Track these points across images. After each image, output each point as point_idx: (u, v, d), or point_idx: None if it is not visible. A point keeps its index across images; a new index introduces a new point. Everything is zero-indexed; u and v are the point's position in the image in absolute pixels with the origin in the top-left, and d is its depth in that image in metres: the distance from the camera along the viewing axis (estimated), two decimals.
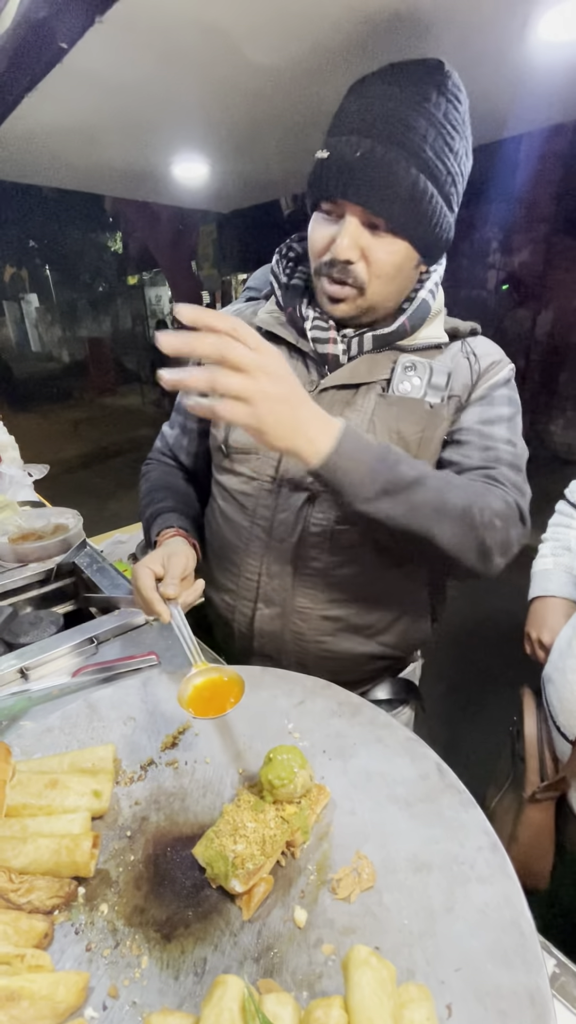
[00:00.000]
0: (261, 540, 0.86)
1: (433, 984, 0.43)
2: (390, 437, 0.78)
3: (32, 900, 0.49)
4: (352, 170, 0.67)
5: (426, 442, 0.79)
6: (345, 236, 0.70)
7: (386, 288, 0.76)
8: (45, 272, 15.26)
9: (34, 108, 1.05)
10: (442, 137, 0.68)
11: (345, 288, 0.75)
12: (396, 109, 0.67)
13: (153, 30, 0.79)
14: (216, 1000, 0.39)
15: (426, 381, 0.79)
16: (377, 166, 0.66)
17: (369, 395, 0.80)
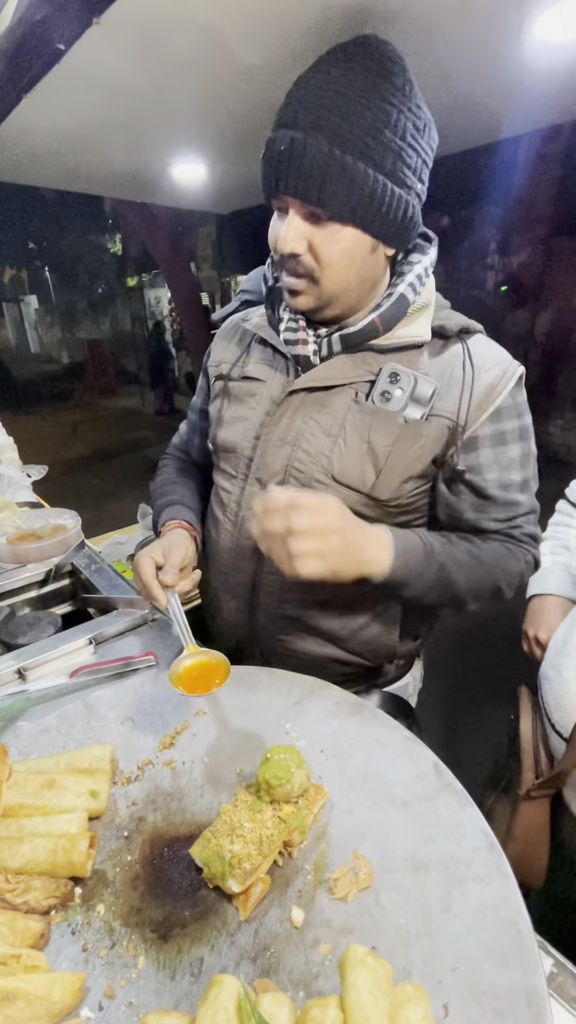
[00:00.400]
0: (230, 534, 0.89)
1: (430, 983, 0.42)
2: (359, 445, 0.77)
3: (28, 900, 0.49)
4: (280, 164, 0.66)
5: (396, 455, 0.77)
6: (288, 229, 0.69)
7: (342, 276, 0.73)
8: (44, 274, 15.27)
9: (33, 109, 1.05)
10: (372, 112, 0.64)
11: (300, 280, 0.74)
12: (315, 95, 0.65)
13: (151, 31, 0.79)
14: (212, 1000, 0.38)
15: (408, 393, 0.76)
16: (300, 155, 0.65)
17: (343, 398, 0.79)
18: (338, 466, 0.78)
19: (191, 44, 0.83)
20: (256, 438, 0.84)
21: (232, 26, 0.79)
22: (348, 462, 0.78)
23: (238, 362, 0.90)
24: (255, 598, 0.88)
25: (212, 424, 0.92)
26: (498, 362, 0.78)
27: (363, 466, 0.77)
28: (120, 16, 0.73)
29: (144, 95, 1.02)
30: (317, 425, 0.79)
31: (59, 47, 0.79)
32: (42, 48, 0.81)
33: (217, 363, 0.94)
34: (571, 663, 0.80)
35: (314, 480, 0.79)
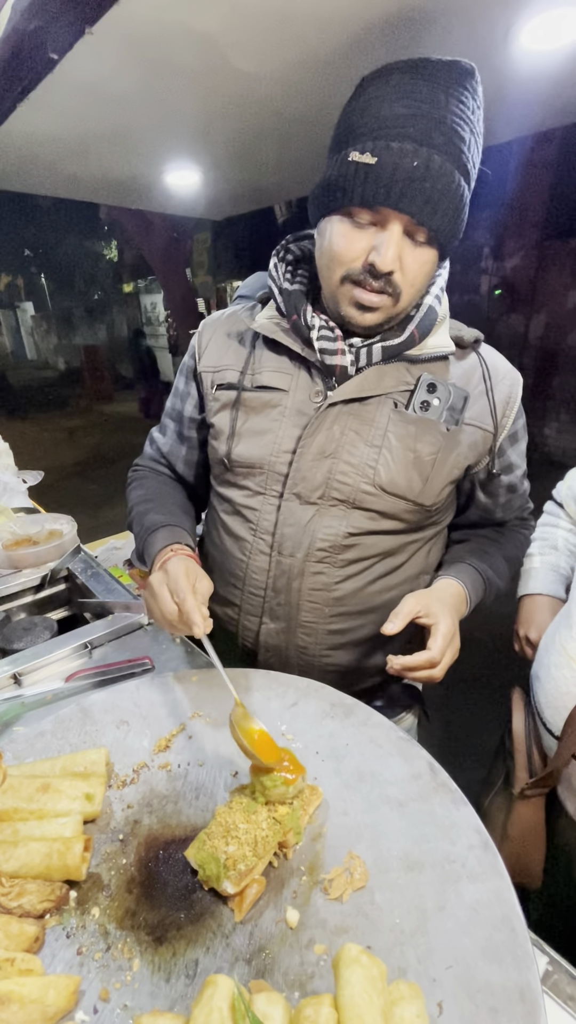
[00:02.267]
0: (266, 554, 0.85)
1: (424, 982, 0.43)
2: (405, 454, 0.78)
3: (23, 904, 0.49)
4: (410, 180, 0.64)
5: (440, 463, 0.80)
6: (392, 247, 0.68)
7: (415, 295, 0.75)
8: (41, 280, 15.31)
9: (27, 117, 1.06)
10: (476, 145, 0.68)
11: (383, 297, 0.72)
12: (446, 116, 0.64)
13: (143, 40, 0.80)
14: (206, 1000, 0.38)
15: (445, 403, 0.78)
16: (435, 178, 0.64)
17: (382, 409, 0.79)
18: (385, 476, 0.78)
19: (184, 52, 0.84)
20: (291, 452, 0.81)
21: (225, 34, 0.80)
22: (396, 471, 0.78)
23: (247, 369, 0.84)
24: (299, 616, 0.86)
25: (221, 438, 0.86)
26: (508, 371, 0.85)
27: (410, 475, 0.79)
28: (113, 25, 0.74)
29: (137, 103, 1.03)
30: (357, 436, 0.78)
31: (52, 56, 0.80)
32: (35, 57, 0.82)
33: (216, 368, 0.88)
34: (561, 662, 0.81)
35: (360, 491, 0.79)
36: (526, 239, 5.16)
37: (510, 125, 1.26)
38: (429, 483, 0.80)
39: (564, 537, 1.11)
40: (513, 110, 1.15)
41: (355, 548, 0.82)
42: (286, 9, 0.74)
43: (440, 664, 0.72)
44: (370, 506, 0.80)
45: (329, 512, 0.81)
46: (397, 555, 0.86)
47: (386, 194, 0.65)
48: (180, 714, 0.73)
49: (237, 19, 0.76)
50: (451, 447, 0.80)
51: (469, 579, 0.84)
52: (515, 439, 0.87)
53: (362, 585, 0.85)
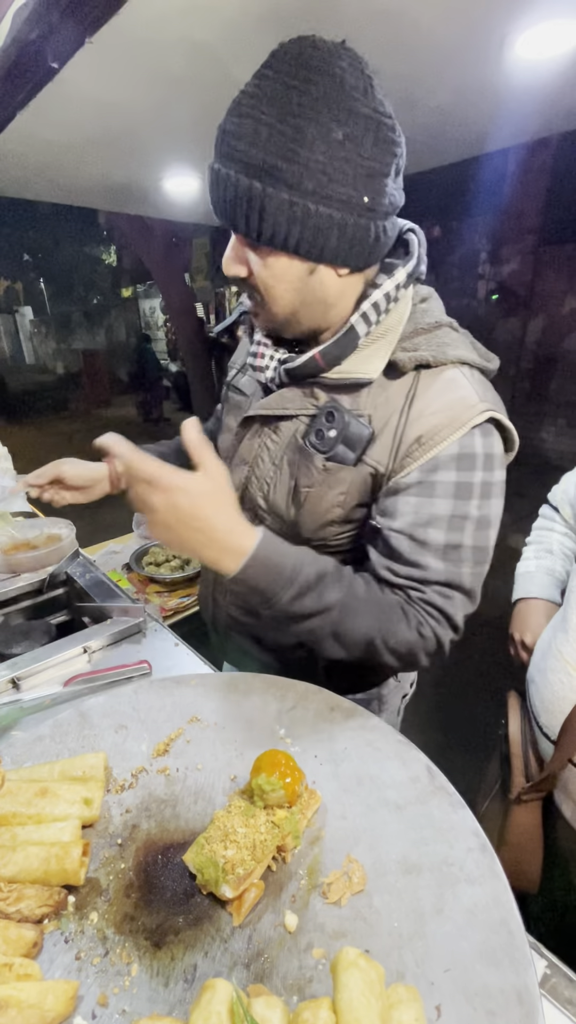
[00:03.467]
0: None
1: (422, 985, 0.43)
2: (288, 482, 0.77)
3: (21, 909, 0.49)
4: (209, 193, 0.68)
5: (314, 498, 0.74)
6: (228, 251, 0.69)
7: (285, 299, 0.69)
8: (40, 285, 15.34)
9: (27, 125, 1.07)
10: (282, 132, 0.59)
11: (252, 302, 0.73)
12: (231, 122, 0.62)
13: (142, 50, 0.81)
14: (205, 1004, 0.38)
15: (339, 437, 0.71)
16: (218, 186, 0.64)
17: (289, 429, 0.78)
18: (272, 496, 0.80)
19: (182, 61, 0.85)
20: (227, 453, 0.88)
21: (222, 44, 0.81)
22: (279, 494, 0.79)
23: (241, 370, 0.91)
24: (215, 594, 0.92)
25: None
26: (448, 407, 0.67)
27: (287, 501, 0.78)
28: (112, 36, 0.75)
29: (137, 111, 1.04)
30: (267, 452, 0.81)
31: (53, 66, 0.80)
32: (36, 66, 0.83)
33: (232, 365, 0.95)
34: (556, 665, 0.81)
35: (257, 505, 0.82)
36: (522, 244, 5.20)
37: (506, 133, 1.28)
38: (302, 515, 0.76)
39: (559, 541, 1.11)
40: (509, 118, 1.17)
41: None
42: (282, 21, 0.75)
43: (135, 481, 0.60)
44: (263, 520, 0.82)
45: (264, 521, 0.83)
46: None
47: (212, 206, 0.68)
48: (179, 718, 0.73)
49: (233, 30, 0.77)
50: (329, 485, 0.73)
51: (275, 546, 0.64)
52: (428, 490, 0.67)
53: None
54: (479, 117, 1.15)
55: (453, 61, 0.91)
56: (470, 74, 0.94)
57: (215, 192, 0.65)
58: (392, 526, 0.69)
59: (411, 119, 1.12)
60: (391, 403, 0.70)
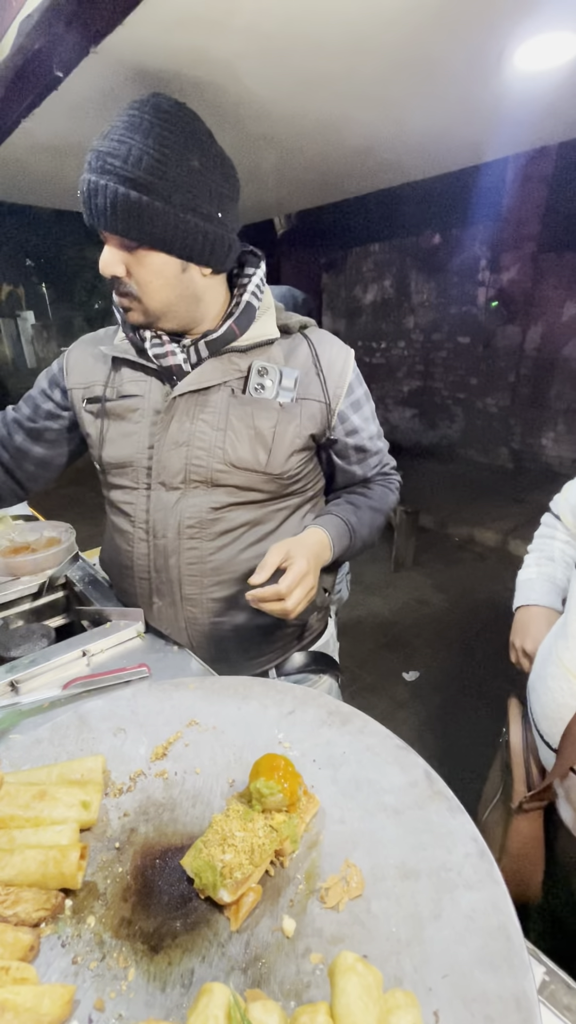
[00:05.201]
0: (144, 540, 0.96)
1: (420, 991, 0.42)
2: (247, 431, 0.90)
3: (18, 912, 0.49)
4: (85, 202, 0.79)
5: (280, 435, 0.91)
6: (105, 255, 0.81)
7: (161, 294, 0.84)
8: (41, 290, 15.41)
9: (30, 132, 1.08)
10: (153, 155, 0.75)
11: (125, 299, 0.85)
12: (106, 145, 0.76)
13: (146, 60, 0.82)
14: (202, 1008, 0.38)
15: (277, 383, 0.90)
16: (95, 195, 0.76)
17: (220, 395, 0.90)
18: (233, 453, 0.90)
19: (185, 72, 0.86)
20: (150, 447, 0.93)
21: (225, 55, 0.82)
22: (241, 448, 0.90)
23: (109, 383, 0.97)
24: (181, 590, 0.97)
25: (94, 445, 0.99)
26: (338, 348, 0.97)
27: (254, 448, 0.90)
28: (117, 46, 0.76)
29: None
30: (205, 424, 0.90)
31: (57, 74, 0.81)
32: (41, 75, 0.84)
33: (84, 385, 1.00)
34: (557, 673, 0.81)
35: (214, 471, 0.90)
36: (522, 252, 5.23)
37: (504, 142, 1.29)
38: (273, 454, 0.91)
39: (560, 548, 1.12)
40: (507, 128, 1.18)
41: (221, 521, 0.94)
42: (286, 33, 0.76)
43: (290, 598, 0.80)
44: (226, 482, 0.91)
45: (192, 493, 0.92)
46: (265, 523, 0.98)
47: (86, 216, 0.81)
48: (177, 722, 0.73)
49: (237, 41, 0.78)
50: (288, 419, 0.91)
51: (333, 527, 0.95)
52: (357, 406, 0.99)
53: (235, 553, 0.95)
54: (478, 126, 1.17)
55: (451, 73, 0.92)
56: (469, 84, 0.96)
57: (94, 201, 0.77)
58: (362, 436, 1.01)
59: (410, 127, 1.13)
60: (298, 354, 0.94)
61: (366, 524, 1.02)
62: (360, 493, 1.07)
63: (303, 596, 0.82)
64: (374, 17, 0.73)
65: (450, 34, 0.78)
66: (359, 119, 1.08)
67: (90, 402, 0.99)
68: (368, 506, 1.04)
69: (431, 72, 0.90)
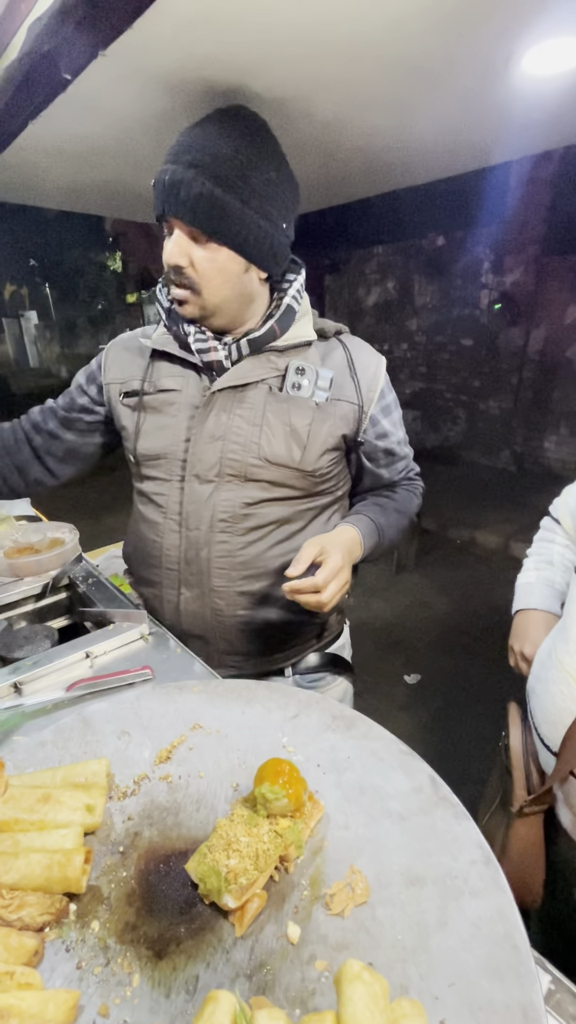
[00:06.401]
0: (175, 532, 0.98)
1: (427, 1000, 0.42)
2: (283, 428, 0.92)
3: (23, 917, 0.49)
4: (166, 191, 0.81)
5: (314, 432, 0.93)
6: (171, 244, 0.84)
7: (221, 290, 0.87)
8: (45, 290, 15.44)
9: (37, 134, 1.08)
10: (240, 160, 0.80)
11: (184, 291, 0.87)
12: (194, 141, 0.81)
13: (154, 62, 0.82)
14: (207, 1016, 0.38)
15: (313, 383, 0.93)
16: (181, 184, 0.79)
17: (258, 392, 0.93)
18: (268, 449, 0.92)
19: (193, 74, 0.86)
20: (186, 440, 0.95)
21: (233, 58, 0.82)
22: (276, 444, 0.92)
23: (148, 378, 0.98)
24: (210, 582, 0.98)
25: (129, 438, 1.01)
26: (371, 354, 1.00)
27: (289, 444, 0.93)
28: (125, 48, 0.76)
29: (147, 122, 1.05)
30: (241, 419, 0.92)
31: (65, 77, 0.82)
32: (48, 78, 0.84)
33: (121, 380, 1.02)
34: (557, 677, 0.81)
35: (249, 465, 0.93)
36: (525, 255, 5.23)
37: (511, 146, 1.29)
38: (307, 450, 0.93)
39: (560, 552, 1.11)
40: (513, 132, 1.18)
41: (253, 517, 0.96)
42: (293, 36, 0.76)
43: (326, 591, 0.82)
44: (260, 477, 0.93)
45: (226, 487, 0.94)
46: (293, 521, 1.00)
47: (159, 204, 0.83)
48: (181, 725, 0.73)
49: (244, 44, 0.78)
50: (323, 418, 0.94)
51: (363, 525, 0.98)
52: (388, 411, 1.02)
53: (263, 549, 0.97)
54: (484, 130, 1.17)
55: (459, 77, 0.92)
56: (477, 88, 0.96)
57: (175, 190, 0.80)
58: (391, 440, 1.04)
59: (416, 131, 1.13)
60: (334, 358, 0.97)
61: (392, 525, 1.04)
62: (386, 496, 1.10)
63: (338, 589, 0.83)
64: (382, 20, 0.73)
65: (458, 38, 0.78)
66: (365, 122, 1.08)
67: (127, 396, 1.01)
68: (394, 508, 1.07)
69: (438, 76, 0.90)
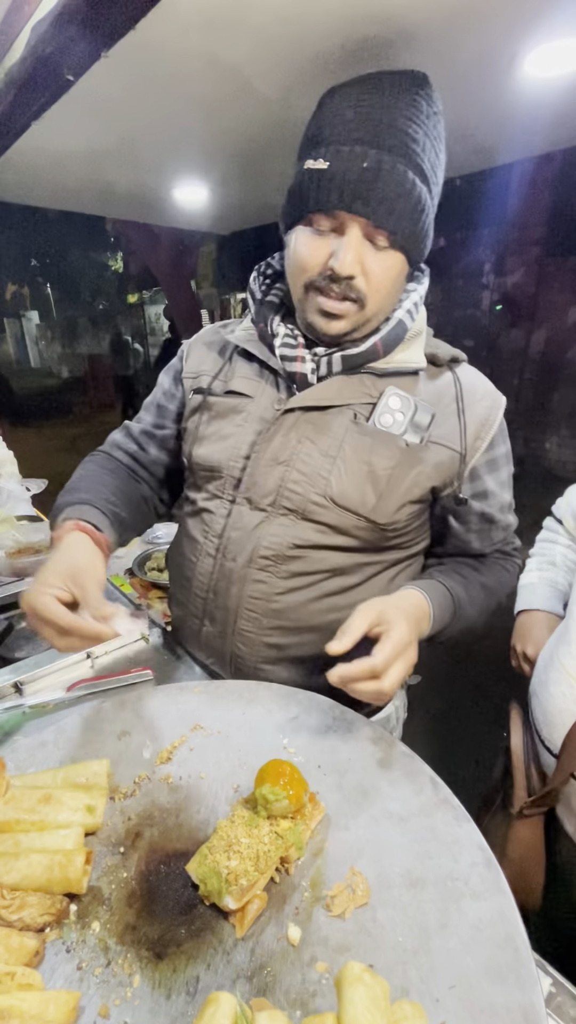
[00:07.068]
0: (211, 556, 0.84)
1: (427, 1002, 0.42)
2: (360, 467, 0.76)
3: (23, 917, 0.49)
4: (361, 182, 0.64)
5: (396, 479, 0.76)
6: (350, 251, 0.67)
7: (383, 302, 0.73)
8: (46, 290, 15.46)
9: (40, 135, 1.08)
10: (434, 149, 0.68)
11: (345, 304, 0.71)
12: (396, 119, 0.64)
13: (157, 63, 0.82)
14: (208, 1018, 0.38)
15: (409, 418, 0.76)
16: (386, 178, 0.64)
17: (341, 419, 0.77)
18: (337, 488, 0.76)
19: (196, 75, 0.86)
20: (246, 457, 0.80)
21: (235, 59, 0.82)
22: (348, 484, 0.76)
23: (219, 375, 0.85)
24: (236, 624, 0.83)
25: (187, 440, 0.88)
26: (487, 392, 0.80)
27: (363, 488, 0.76)
28: (129, 49, 0.76)
29: (150, 123, 1.06)
30: (313, 445, 0.77)
31: (68, 78, 0.82)
32: (51, 79, 0.84)
33: (195, 374, 0.89)
34: (558, 678, 0.81)
35: (310, 502, 0.77)
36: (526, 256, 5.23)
37: (514, 147, 1.29)
38: (383, 499, 0.76)
39: (562, 553, 1.11)
40: (517, 133, 1.18)
41: (300, 560, 0.79)
42: (295, 36, 0.76)
43: (387, 676, 0.62)
44: (319, 518, 0.78)
45: (277, 520, 0.79)
46: (350, 574, 0.82)
47: (339, 197, 0.65)
48: (182, 726, 0.73)
49: (247, 45, 0.78)
50: (411, 463, 0.76)
51: (436, 594, 0.76)
52: (494, 466, 0.81)
53: (305, 600, 0.81)
54: (487, 131, 1.17)
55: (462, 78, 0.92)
56: (479, 89, 0.96)
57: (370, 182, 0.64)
58: (491, 503, 0.83)
59: None
60: (439, 391, 0.79)
61: (475, 603, 0.81)
62: (471, 566, 0.87)
63: (403, 674, 0.64)
64: (384, 21, 0.73)
65: (462, 39, 0.79)
66: None
67: (196, 392, 0.87)
68: (480, 583, 0.84)
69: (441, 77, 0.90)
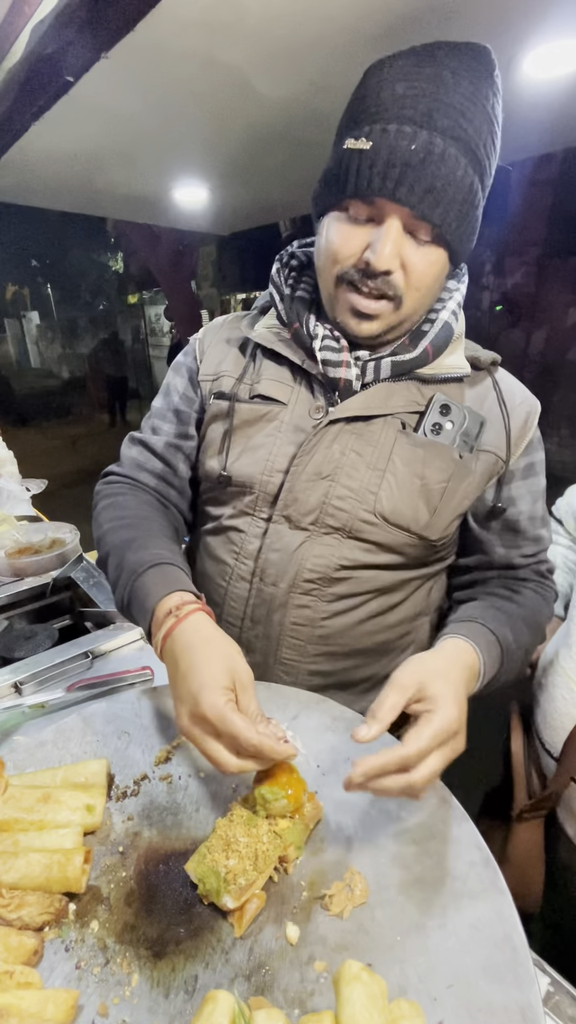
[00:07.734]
0: (246, 581, 0.77)
1: (425, 1001, 0.42)
2: (412, 480, 0.71)
3: (22, 916, 0.49)
4: (407, 166, 0.56)
5: (450, 493, 0.72)
6: (388, 243, 0.60)
7: (421, 302, 0.67)
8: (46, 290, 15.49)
9: (40, 136, 1.08)
10: (491, 134, 0.59)
11: (381, 303, 0.65)
12: (452, 97, 0.56)
13: (157, 64, 0.82)
14: (206, 1016, 0.38)
15: (458, 428, 0.70)
16: (437, 164, 0.56)
17: (388, 429, 0.71)
18: (388, 504, 0.71)
19: (195, 77, 0.87)
20: (284, 471, 0.73)
21: (234, 61, 0.82)
22: (399, 499, 0.71)
23: (244, 377, 0.77)
24: (278, 652, 0.78)
25: (211, 451, 0.78)
26: (525, 396, 0.77)
27: (416, 504, 0.71)
28: (128, 50, 0.77)
29: (150, 125, 1.06)
30: (359, 458, 0.71)
31: (68, 79, 0.82)
32: (52, 80, 0.84)
33: (214, 375, 0.80)
34: (559, 681, 0.81)
35: (358, 519, 0.71)
36: (527, 256, 5.23)
37: (513, 148, 1.29)
38: (437, 515, 0.71)
39: (563, 554, 1.11)
40: (516, 133, 1.18)
41: (347, 582, 0.74)
42: (293, 36, 0.76)
43: (419, 769, 0.50)
44: (368, 536, 0.72)
45: (321, 540, 0.73)
46: (394, 593, 0.77)
47: (381, 182, 0.57)
48: None
49: (246, 47, 0.78)
50: (463, 475, 0.72)
51: (483, 643, 0.65)
52: (530, 471, 0.77)
53: (351, 624, 0.76)
54: None
55: None
56: None
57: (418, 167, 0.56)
58: (519, 510, 0.77)
59: None
60: (482, 395, 0.74)
61: (521, 645, 0.71)
62: (506, 596, 0.77)
63: (442, 766, 0.52)
64: (382, 21, 0.73)
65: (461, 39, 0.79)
66: None
67: (217, 398, 0.78)
68: (521, 618, 0.73)
69: None
